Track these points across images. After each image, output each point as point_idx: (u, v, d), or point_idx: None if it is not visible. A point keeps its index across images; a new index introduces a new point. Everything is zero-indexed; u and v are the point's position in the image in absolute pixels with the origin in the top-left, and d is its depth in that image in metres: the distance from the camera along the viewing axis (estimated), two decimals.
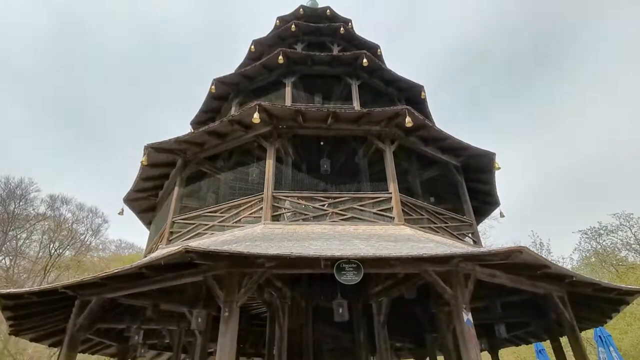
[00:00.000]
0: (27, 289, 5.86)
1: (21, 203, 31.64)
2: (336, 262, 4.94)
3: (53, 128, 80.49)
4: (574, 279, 6.04)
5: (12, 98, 70.35)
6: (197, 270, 5.41)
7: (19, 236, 30.74)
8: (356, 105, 10.09)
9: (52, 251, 30.93)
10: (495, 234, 59.54)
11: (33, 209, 32.38)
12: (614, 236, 22.73)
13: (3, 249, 28.83)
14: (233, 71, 11.86)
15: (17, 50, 70.97)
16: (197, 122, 12.26)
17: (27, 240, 31.56)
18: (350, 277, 5.00)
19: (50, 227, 31.64)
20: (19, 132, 68.75)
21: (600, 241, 23.22)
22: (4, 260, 29.35)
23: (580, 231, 23.93)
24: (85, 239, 34.98)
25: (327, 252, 4.89)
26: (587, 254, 24.00)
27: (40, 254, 31.02)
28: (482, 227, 26.91)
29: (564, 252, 60.55)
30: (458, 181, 9.33)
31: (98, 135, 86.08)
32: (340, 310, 6.10)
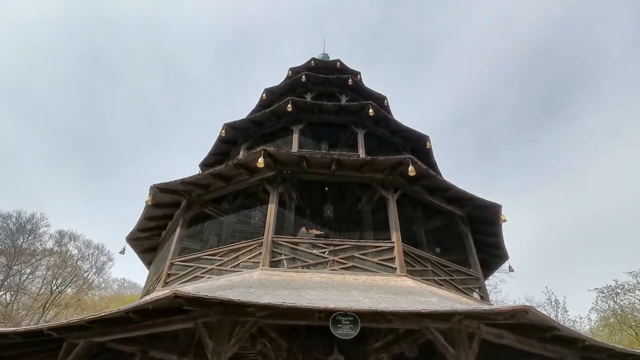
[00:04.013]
0: (13, 328, 5.71)
1: (30, 238, 31.92)
2: (331, 315, 4.72)
3: (71, 164, 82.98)
4: (586, 343, 5.64)
5: (33, 131, 73.64)
6: (188, 317, 5.23)
7: (23, 271, 30.64)
8: (361, 152, 10.22)
9: (54, 288, 30.59)
10: (507, 288, 56.78)
11: (40, 244, 32.61)
12: (631, 295, 21.49)
13: (6, 283, 28.64)
14: (245, 116, 12.27)
15: (42, 82, 75.25)
16: (205, 164, 12.51)
17: (31, 276, 31.41)
18: (346, 331, 4.75)
19: (56, 263, 31.55)
20: (37, 166, 71.07)
21: (618, 300, 21.93)
22: (4, 296, 29.02)
23: (597, 289, 22.68)
24: (89, 277, 34.70)
25: (321, 304, 4.70)
26: (606, 314, 22.61)
27: (42, 290, 30.67)
28: (493, 281, 25.91)
29: (581, 310, 57.28)
30: (464, 232, 9.12)
31: (113, 172, 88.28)
32: None
